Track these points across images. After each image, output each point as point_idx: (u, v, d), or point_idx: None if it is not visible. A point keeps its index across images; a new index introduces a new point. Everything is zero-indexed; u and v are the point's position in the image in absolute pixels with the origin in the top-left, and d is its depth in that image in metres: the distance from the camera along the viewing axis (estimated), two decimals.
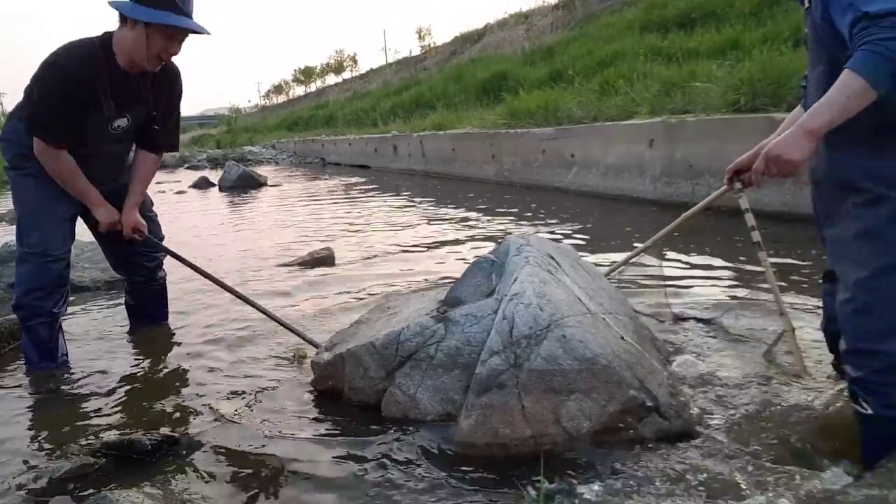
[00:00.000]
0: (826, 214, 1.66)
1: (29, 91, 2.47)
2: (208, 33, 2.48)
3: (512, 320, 1.83)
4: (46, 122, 2.42)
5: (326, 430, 2.02)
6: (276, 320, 2.75)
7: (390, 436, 1.91)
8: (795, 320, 2.34)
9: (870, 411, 1.49)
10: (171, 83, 2.70)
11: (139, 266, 3.01)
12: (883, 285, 1.47)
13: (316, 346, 2.54)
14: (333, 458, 1.84)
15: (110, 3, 2.39)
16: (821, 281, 1.98)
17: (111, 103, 2.48)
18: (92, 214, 2.75)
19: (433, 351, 1.96)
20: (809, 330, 2.43)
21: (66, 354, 2.77)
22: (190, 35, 2.47)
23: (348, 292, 3.66)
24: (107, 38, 2.46)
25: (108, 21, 3.06)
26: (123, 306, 3.24)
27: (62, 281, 2.66)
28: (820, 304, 2.13)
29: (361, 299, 3.47)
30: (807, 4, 1.61)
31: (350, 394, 2.11)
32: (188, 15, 2.39)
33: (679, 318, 2.76)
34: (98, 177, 2.66)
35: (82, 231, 2.86)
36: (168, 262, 3.06)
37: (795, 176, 1.57)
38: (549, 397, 1.71)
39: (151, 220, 2.98)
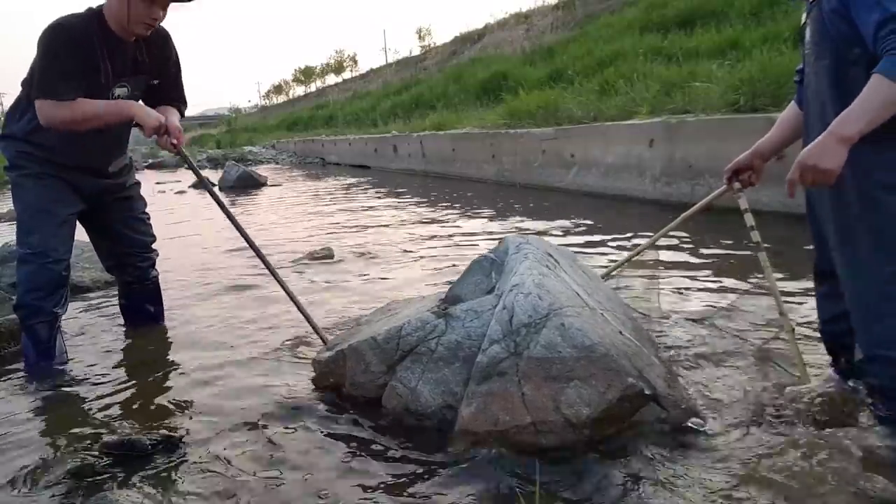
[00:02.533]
0: (837, 223, 1.62)
1: (32, 67, 2.49)
2: (187, 0, 2.50)
3: (512, 310, 1.84)
4: (51, 79, 2.42)
5: (327, 425, 2.02)
6: (295, 303, 2.66)
7: (391, 428, 1.93)
8: (793, 317, 2.34)
9: (886, 415, 1.49)
10: (161, 46, 2.71)
11: (132, 267, 3.02)
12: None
13: (325, 341, 2.54)
14: (334, 452, 1.85)
15: None
16: (815, 283, 1.98)
17: (109, 67, 2.51)
18: (90, 211, 2.76)
19: (434, 345, 1.97)
20: (807, 330, 2.44)
21: (66, 354, 2.78)
22: (173, 5, 2.49)
23: (347, 291, 3.67)
24: (99, 8, 2.53)
25: None
26: None
27: (62, 282, 2.67)
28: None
29: (360, 297, 3.48)
30: None
31: (351, 389, 2.12)
32: None
33: (675, 317, 2.76)
34: (98, 154, 2.65)
35: (83, 231, 2.86)
36: (165, 262, 3.06)
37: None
38: (549, 384, 1.72)
39: (143, 221, 3.00)
